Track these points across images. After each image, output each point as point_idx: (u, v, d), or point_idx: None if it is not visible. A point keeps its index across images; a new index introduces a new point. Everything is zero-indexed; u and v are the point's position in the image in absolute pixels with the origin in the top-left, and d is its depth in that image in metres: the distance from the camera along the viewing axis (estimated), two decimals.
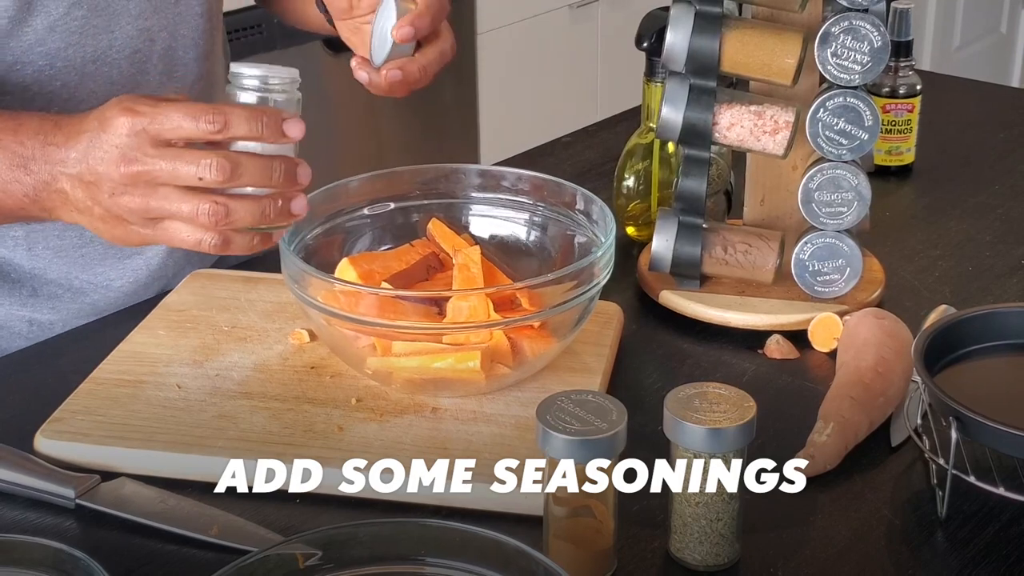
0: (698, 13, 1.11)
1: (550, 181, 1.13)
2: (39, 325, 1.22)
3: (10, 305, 1.21)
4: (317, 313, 0.99)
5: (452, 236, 1.10)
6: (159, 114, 0.91)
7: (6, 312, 1.21)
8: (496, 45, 2.87)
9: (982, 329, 1.00)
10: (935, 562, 0.89)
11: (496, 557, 0.75)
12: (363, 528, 0.78)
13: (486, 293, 0.98)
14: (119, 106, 0.93)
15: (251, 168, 0.92)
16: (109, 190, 0.93)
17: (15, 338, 1.21)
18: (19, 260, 1.20)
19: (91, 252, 1.22)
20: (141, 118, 0.92)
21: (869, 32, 1.09)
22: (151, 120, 0.91)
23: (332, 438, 0.97)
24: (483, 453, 0.95)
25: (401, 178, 1.15)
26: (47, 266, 1.20)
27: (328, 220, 1.11)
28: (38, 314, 1.21)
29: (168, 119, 0.91)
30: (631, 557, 0.88)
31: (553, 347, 1.01)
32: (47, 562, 0.78)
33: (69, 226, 1.19)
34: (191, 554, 0.89)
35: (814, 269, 1.16)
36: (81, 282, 1.22)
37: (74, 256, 1.21)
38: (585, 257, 1.01)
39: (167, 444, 0.97)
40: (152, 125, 0.91)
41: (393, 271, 1.05)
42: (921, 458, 0.98)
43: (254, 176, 0.92)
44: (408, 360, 0.99)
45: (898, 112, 1.46)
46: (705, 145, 1.15)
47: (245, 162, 0.92)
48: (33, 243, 1.19)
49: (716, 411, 0.84)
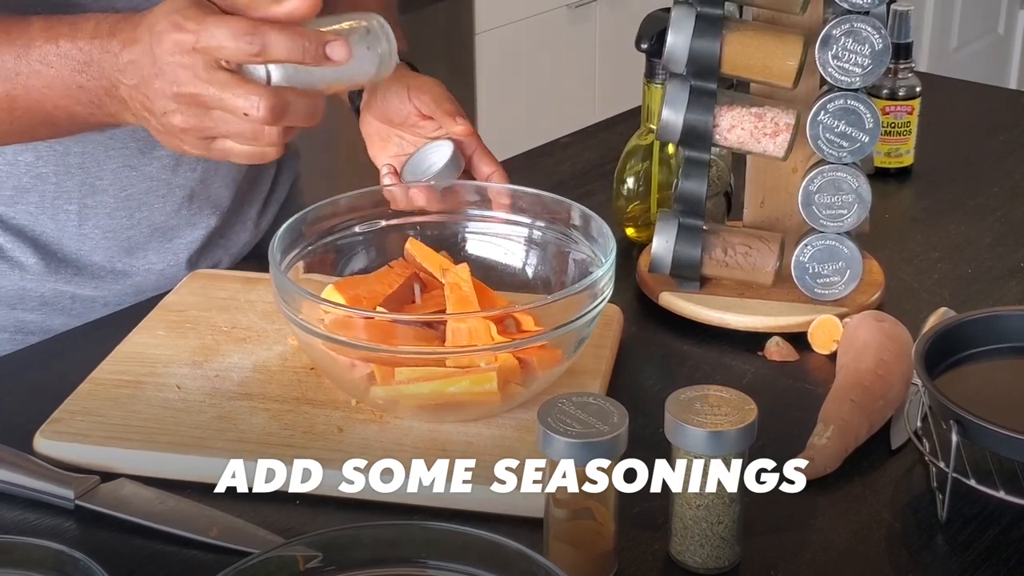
0: (699, 15, 1.11)
1: (546, 197, 1.11)
2: (82, 301, 1.23)
3: (55, 282, 1.21)
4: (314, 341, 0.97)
5: (432, 255, 1.08)
6: (204, 31, 0.90)
7: (52, 288, 1.22)
8: (494, 45, 2.87)
9: (982, 332, 1.00)
10: (935, 565, 0.89)
11: (497, 559, 0.75)
12: (364, 530, 0.78)
13: (488, 315, 0.97)
14: (167, 19, 0.91)
15: (299, 105, 0.91)
16: (161, 108, 0.93)
17: (59, 314, 1.23)
18: (67, 240, 1.20)
19: (137, 235, 1.23)
20: (188, 35, 0.90)
21: (870, 35, 1.09)
22: (197, 38, 0.90)
23: (332, 439, 0.97)
24: (483, 454, 0.95)
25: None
26: (94, 248, 1.21)
27: (319, 239, 1.09)
28: (81, 291, 1.23)
29: (212, 37, 0.89)
30: (631, 559, 0.88)
31: (562, 362, 1.00)
32: (47, 563, 0.78)
33: (119, 206, 1.20)
34: (191, 555, 0.88)
35: (814, 271, 1.16)
36: (125, 264, 1.23)
37: (121, 238, 1.22)
38: (586, 276, 1.00)
39: (167, 445, 0.97)
40: (200, 43, 0.90)
41: (380, 295, 1.03)
42: (921, 461, 0.98)
43: (301, 114, 0.91)
44: (419, 386, 0.97)
45: (897, 114, 1.46)
46: (705, 147, 1.14)
47: (293, 100, 0.91)
48: (84, 219, 1.20)
49: (717, 414, 0.84)
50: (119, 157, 1.19)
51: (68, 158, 1.17)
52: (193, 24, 0.90)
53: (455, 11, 2.78)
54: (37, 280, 1.21)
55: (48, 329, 1.21)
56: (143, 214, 1.22)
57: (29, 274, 1.20)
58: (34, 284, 1.21)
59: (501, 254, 1.13)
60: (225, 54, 0.90)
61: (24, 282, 1.21)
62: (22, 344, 1.19)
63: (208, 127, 0.92)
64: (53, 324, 1.22)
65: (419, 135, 1.18)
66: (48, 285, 1.21)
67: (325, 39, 0.91)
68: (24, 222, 1.19)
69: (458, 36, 2.81)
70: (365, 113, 1.21)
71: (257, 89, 0.90)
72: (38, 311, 1.22)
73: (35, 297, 1.22)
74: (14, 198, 1.18)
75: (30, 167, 1.16)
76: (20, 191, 1.17)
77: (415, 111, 1.16)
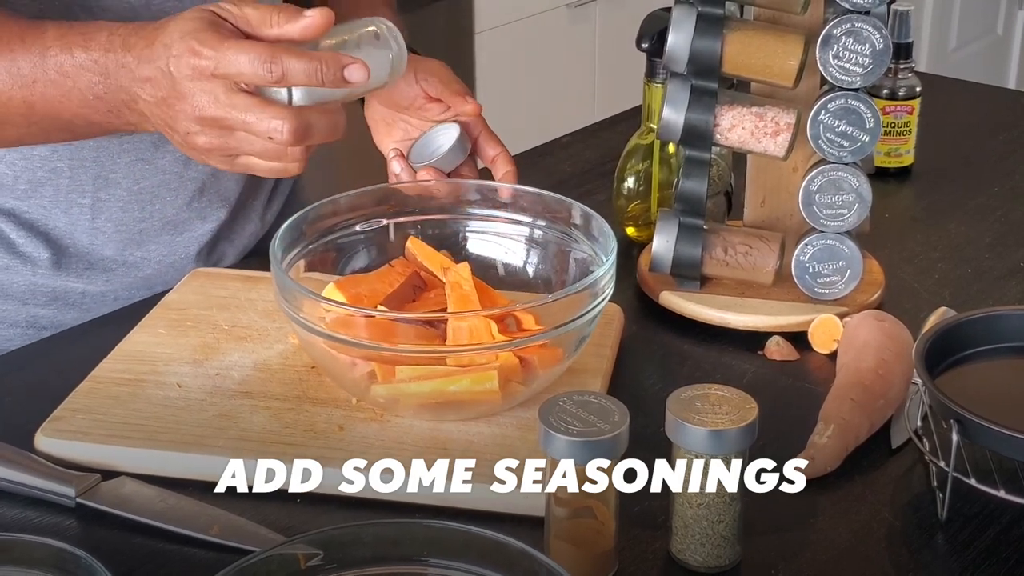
0: (700, 15, 1.11)
1: (547, 196, 1.11)
2: (92, 296, 1.23)
3: (66, 277, 1.21)
4: (315, 340, 0.97)
5: (433, 254, 1.08)
6: (223, 58, 0.90)
7: (63, 284, 1.22)
8: (494, 45, 2.87)
9: (983, 332, 1.00)
10: (935, 564, 0.89)
11: (499, 558, 0.75)
12: (365, 529, 0.78)
13: (489, 314, 0.97)
14: (183, 43, 0.91)
15: (321, 124, 0.92)
16: (184, 129, 0.93)
17: (70, 308, 1.22)
18: (80, 234, 1.20)
19: (148, 228, 1.22)
20: (207, 61, 0.90)
21: (871, 34, 1.09)
22: (216, 64, 0.90)
23: (333, 438, 0.97)
24: (484, 453, 0.95)
25: (394, 193, 1.13)
26: (105, 242, 1.21)
27: (321, 237, 1.09)
28: (92, 286, 1.22)
29: (232, 64, 0.90)
30: (632, 558, 0.88)
31: (562, 361, 1.00)
32: (48, 561, 0.78)
33: (132, 200, 1.20)
34: (191, 553, 0.88)
35: (814, 271, 1.16)
36: (136, 258, 1.23)
37: (132, 232, 1.22)
38: (586, 275, 1.00)
39: (168, 443, 0.97)
40: (219, 69, 0.90)
41: (381, 294, 1.03)
42: (921, 460, 0.98)
43: (323, 132, 0.92)
44: (420, 385, 0.97)
45: (898, 114, 1.46)
46: (706, 146, 1.15)
47: (315, 121, 0.92)
48: (97, 212, 1.20)
49: (718, 413, 0.84)
50: (133, 151, 1.19)
51: (83, 152, 1.17)
52: (210, 50, 0.90)
53: (455, 10, 2.78)
54: (48, 275, 1.21)
55: (59, 324, 1.21)
56: (155, 207, 1.22)
57: (40, 269, 1.20)
58: (45, 279, 1.21)
59: (502, 253, 1.13)
60: (245, 79, 0.90)
61: (36, 278, 1.21)
62: (35, 338, 1.19)
63: (232, 147, 0.93)
64: (65, 319, 1.22)
65: (425, 118, 1.18)
66: (59, 281, 1.21)
67: (343, 62, 0.91)
68: (37, 216, 1.19)
69: (458, 35, 2.80)
70: (370, 99, 1.21)
71: (280, 112, 0.91)
72: (50, 306, 1.22)
73: (46, 292, 1.22)
74: (28, 192, 1.18)
75: (46, 161, 1.16)
76: (35, 185, 1.17)
77: (422, 93, 1.16)
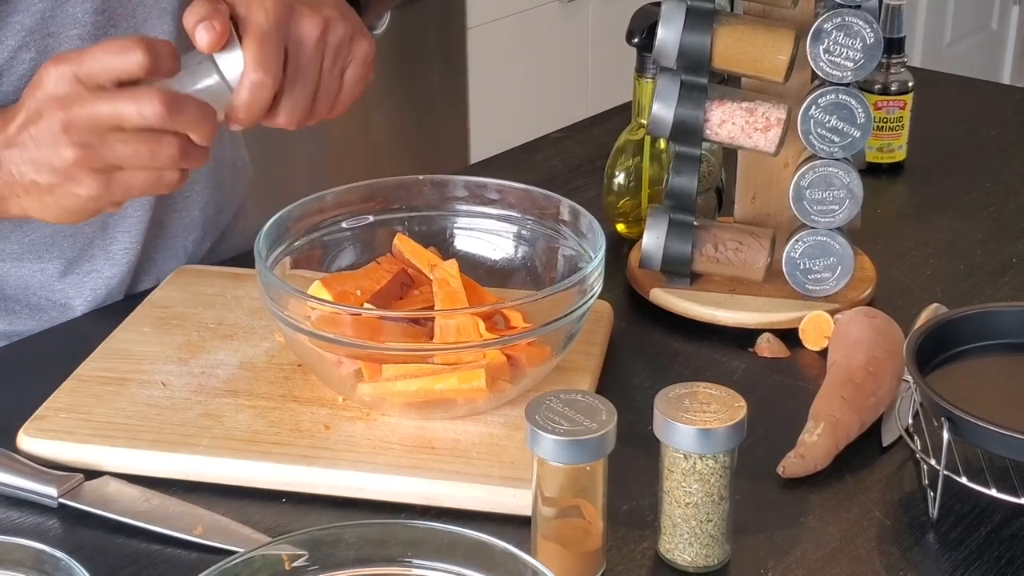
0: (690, 9, 1.10)
1: (536, 192, 1.10)
2: None
3: None
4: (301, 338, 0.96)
5: (420, 251, 1.07)
6: (84, 56, 0.90)
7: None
8: (486, 40, 2.86)
9: (974, 329, 1.00)
10: (926, 563, 0.88)
11: (483, 559, 0.75)
12: (349, 529, 0.77)
13: (477, 311, 0.97)
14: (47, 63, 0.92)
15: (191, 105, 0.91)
16: (50, 149, 0.91)
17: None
18: None
19: (50, 268, 1.18)
20: (68, 64, 0.90)
21: (862, 29, 1.09)
22: (78, 64, 0.90)
23: (318, 436, 0.96)
24: (471, 452, 0.95)
25: (380, 190, 1.12)
26: (5, 276, 1.17)
27: (306, 234, 1.08)
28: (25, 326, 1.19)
29: (94, 59, 0.90)
30: (620, 558, 0.88)
31: (551, 358, 1.00)
32: (27, 563, 0.77)
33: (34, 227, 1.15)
34: (175, 554, 0.88)
35: (805, 267, 1.15)
36: (39, 299, 1.19)
37: (33, 269, 1.17)
38: (575, 272, 1.00)
39: (151, 442, 0.96)
40: (80, 68, 0.90)
41: (368, 291, 1.02)
42: (912, 458, 0.97)
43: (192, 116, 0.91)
44: (407, 383, 0.96)
45: (890, 109, 1.45)
46: (696, 142, 1.14)
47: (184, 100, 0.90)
48: None
49: (706, 411, 0.84)
50: None
51: None
52: (72, 53, 0.91)
53: (447, 6, 2.77)
54: None
55: None
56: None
57: None
58: None
59: (490, 250, 1.13)
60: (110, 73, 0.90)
61: None
62: None
63: (103, 155, 0.91)
64: None
65: None
66: None
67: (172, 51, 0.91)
68: None
69: (450, 31, 2.80)
70: None
71: (147, 89, 0.90)
72: None
73: None
74: None
75: None
76: None
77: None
